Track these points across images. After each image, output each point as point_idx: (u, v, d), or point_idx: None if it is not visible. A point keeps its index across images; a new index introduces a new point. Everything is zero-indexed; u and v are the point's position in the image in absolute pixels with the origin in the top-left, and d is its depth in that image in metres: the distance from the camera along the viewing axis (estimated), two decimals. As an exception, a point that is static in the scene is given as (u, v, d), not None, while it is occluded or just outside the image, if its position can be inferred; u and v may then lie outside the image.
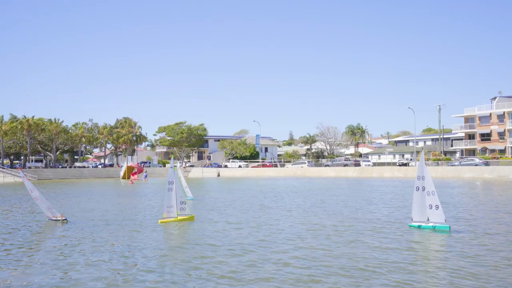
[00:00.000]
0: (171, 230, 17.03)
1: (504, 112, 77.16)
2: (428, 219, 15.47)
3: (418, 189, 15.48)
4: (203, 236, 15.35)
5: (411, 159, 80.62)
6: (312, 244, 13.76)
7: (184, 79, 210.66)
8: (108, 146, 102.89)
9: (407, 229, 16.08)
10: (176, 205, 18.57)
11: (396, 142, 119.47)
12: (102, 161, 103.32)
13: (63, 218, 18.88)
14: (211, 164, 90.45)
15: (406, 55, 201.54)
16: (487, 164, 61.25)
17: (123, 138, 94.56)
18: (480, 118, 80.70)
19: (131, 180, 57.96)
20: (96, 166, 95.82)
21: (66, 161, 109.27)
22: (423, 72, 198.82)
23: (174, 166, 19.07)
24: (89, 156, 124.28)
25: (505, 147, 76.45)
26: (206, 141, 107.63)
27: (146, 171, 70.35)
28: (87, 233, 16.17)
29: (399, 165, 72.18)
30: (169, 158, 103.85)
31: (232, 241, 14.34)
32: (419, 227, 15.77)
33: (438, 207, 15.20)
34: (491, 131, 78.82)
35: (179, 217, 18.57)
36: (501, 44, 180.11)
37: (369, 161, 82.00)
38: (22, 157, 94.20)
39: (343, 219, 19.19)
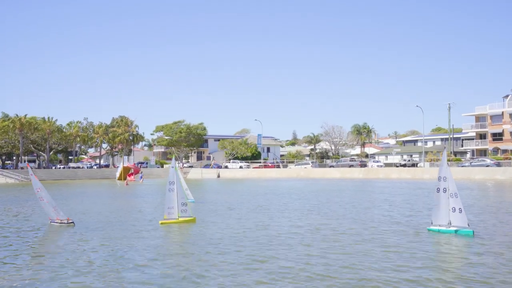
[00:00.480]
0: (172, 232, 17.06)
1: (517, 111, 77.06)
2: (449, 223, 15.07)
3: (439, 190, 15.08)
4: (204, 239, 15.35)
5: (408, 160, 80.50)
6: (320, 248, 13.54)
7: (182, 76, 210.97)
8: (104, 146, 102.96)
9: (426, 233, 15.68)
10: (177, 206, 18.51)
11: (404, 142, 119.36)
12: (97, 161, 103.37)
13: (70, 221, 18.53)
14: (211, 165, 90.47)
15: (414, 51, 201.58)
16: (498, 165, 61.12)
17: (119, 138, 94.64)
18: (492, 117, 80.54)
19: (126, 182, 58.11)
20: (91, 167, 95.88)
21: (60, 161, 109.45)
22: (432, 70, 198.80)
23: (175, 166, 19.13)
24: (84, 156, 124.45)
25: (518, 147, 76.34)
26: (206, 141, 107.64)
27: (141, 172, 70.48)
28: (86, 236, 16.07)
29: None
30: (167, 159, 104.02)
31: (234, 244, 14.35)
32: (438, 231, 15.39)
33: (461, 210, 14.80)
34: (503, 130, 78.63)
35: (180, 219, 18.56)
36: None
37: (378, 161, 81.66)
38: (14, 157, 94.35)
39: (352, 222, 18.85)
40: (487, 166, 60.57)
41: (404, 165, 73.18)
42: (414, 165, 74.02)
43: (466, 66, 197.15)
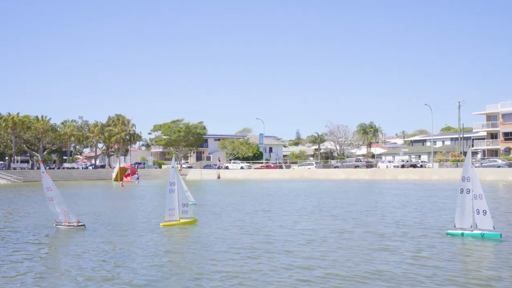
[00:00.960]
0: (174, 234, 17.26)
1: (529, 109, 77.01)
2: (473, 226, 14.77)
3: (463, 191, 14.87)
4: (206, 241, 15.55)
5: (407, 161, 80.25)
6: (327, 253, 13.37)
7: (181, 73, 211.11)
8: (100, 145, 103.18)
9: (446, 237, 15.34)
10: (178, 207, 18.67)
11: (412, 142, 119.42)
12: (93, 161, 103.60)
13: (81, 223, 18.24)
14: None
15: (423, 48, 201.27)
16: (510, 165, 61.10)
17: (115, 137, 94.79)
18: (504, 115, 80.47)
19: (122, 183, 58.30)
20: (86, 167, 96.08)
21: (54, 161, 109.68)
22: (442, 66, 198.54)
23: (176, 166, 19.24)
24: (79, 156, 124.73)
25: (531, 147, 76.28)
26: (206, 141, 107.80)
27: (137, 173, 70.68)
28: (84, 239, 16.20)
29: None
30: (165, 159, 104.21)
31: (235, 246, 14.52)
32: (462, 234, 15.10)
33: (485, 213, 14.52)
34: (515, 129, 78.70)
35: (182, 220, 18.77)
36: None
37: (391, 161, 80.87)
38: (6, 157, 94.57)
39: (361, 226, 18.54)
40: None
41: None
42: (414, 166, 73.90)
43: (476, 63, 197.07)
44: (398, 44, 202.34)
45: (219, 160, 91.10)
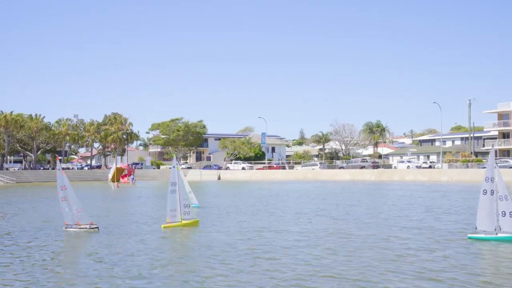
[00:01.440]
0: (175, 235, 17.54)
1: (543, 108, 76.86)
2: (497, 229, 14.65)
3: (486, 192, 14.83)
4: (207, 243, 15.75)
5: (406, 161, 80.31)
6: (333, 257, 13.35)
7: (180, 70, 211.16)
8: (95, 145, 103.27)
9: (469, 242, 15.02)
10: (180, 208, 18.89)
11: (421, 142, 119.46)
12: (89, 162, 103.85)
13: (94, 225, 18.15)
14: (210, 166, 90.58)
15: (431, 44, 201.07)
16: (523, 166, 61.10)
17: (112, 137, 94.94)
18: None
19: (117, 184, 58.48)
20: (82, 168, 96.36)
21: (49, 162, 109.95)
22: (451, 63, 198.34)
23: (177, 165, 19.33)
24: (74, 156, 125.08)
25: (544, 147, 76.14)
26: (206, 140, 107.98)
27: (133, 174, 70.92)
28: (85, 241, 16.40)
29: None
30: (164, 159, 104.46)
31: (236, 248, 14.71)
32: (486, 239, 14.84)
33: None
34: (528, 129, 78.55)
35: (183, 222, 19.05)
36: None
37: (411, 161, 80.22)
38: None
39: (373, 229, 18.36)
40: (511, 167, 60.51)
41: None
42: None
43: (487, 60, 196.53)
44: (406, 41, 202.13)
45: (225, 160, 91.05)
